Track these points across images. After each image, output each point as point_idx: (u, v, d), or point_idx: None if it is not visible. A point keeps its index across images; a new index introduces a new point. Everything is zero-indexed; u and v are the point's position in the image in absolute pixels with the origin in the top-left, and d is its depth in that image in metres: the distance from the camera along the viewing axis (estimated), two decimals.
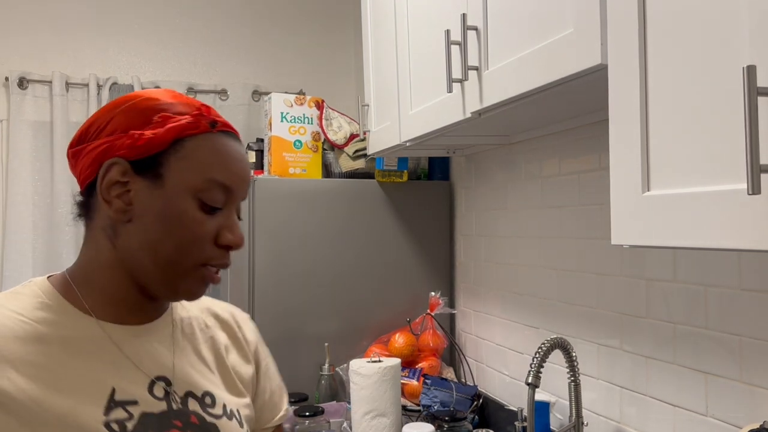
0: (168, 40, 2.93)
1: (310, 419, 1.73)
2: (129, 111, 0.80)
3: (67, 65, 2.79)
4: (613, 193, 0.85)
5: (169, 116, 0.80)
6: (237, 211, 0.86)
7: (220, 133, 0.83)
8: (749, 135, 0.60)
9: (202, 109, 0.83)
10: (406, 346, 1.98)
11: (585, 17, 0.91)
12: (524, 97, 1.10)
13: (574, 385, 1.36)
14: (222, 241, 0.81)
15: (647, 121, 0.80)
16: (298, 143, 2.16)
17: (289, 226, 2.05)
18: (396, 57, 1.69)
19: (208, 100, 2.92)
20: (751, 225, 0.65)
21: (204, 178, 0.80)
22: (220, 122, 0.84)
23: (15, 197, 2.63)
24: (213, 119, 0.83)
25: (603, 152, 1.43)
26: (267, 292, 2.02)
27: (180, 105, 0.82)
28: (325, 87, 3.14)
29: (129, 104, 0.81)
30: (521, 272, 1.76)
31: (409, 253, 2.18)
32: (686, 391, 1.20)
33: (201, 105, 0.84)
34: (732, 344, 1.10)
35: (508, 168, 1.84)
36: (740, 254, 1.09)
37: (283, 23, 3.09)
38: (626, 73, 0.82)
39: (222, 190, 0.81)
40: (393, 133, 1.73)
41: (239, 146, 0.86)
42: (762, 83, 0.63)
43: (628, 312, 1.36)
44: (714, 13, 0.70)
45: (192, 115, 0.81)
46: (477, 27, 1.22)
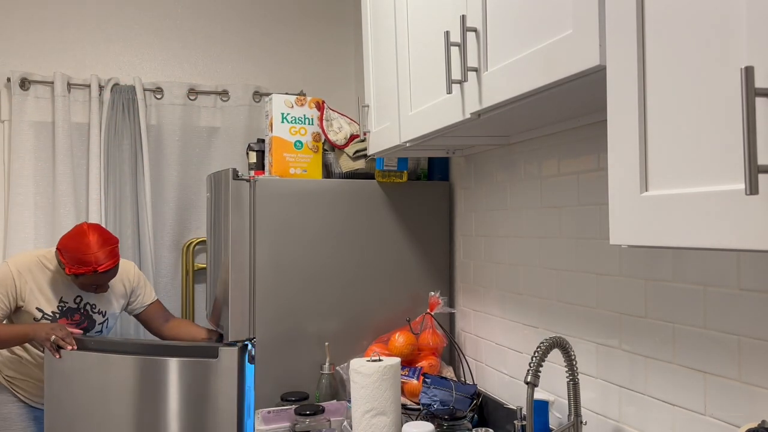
0: (170, 41, 2.94)
1: (310, 418, 1.74)
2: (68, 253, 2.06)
3: (69, 66, 2.80)
4: (612, 194, 0.85)
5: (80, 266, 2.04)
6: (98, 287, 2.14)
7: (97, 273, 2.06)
8: (747, 135, 0.60)
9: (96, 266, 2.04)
10: (406, 345, 1.99)
11: (584, 18, 0.92)
12: (523, 98, 1.11)
13: (573, 384, 1.37)
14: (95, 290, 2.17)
15: (645, 122, 0.80)
16: (299, 144, 2.17)
17: (290, 226, 2.05)
18: (396, 58, 1.70)
19: (209, 101, 2.93)
20: (749, 225, 0.65)
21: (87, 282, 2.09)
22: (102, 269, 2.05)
23: (17, 198, 2.64)
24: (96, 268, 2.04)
25: (602, 153, 1.44)
26: (268, 291, 2.02)
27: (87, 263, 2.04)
28: (326, 88, 3.15)
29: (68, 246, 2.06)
30: (521, 272, 1.77)
31: (409, 253, 2.18)
32: (685, 391, 1.21)
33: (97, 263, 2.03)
34: (731, 344, 1.11)
35: (507, 168, 1.84)
36: (739, 254, 1.09)
37: (283, 25, 3.10)
38: (625, 74, 0.83)
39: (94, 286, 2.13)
40: (393, 134, 1.74)
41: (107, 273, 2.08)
42: (760, 84, 0.63)
43: (627, 312, 1.36)
44: (712, 15, 0.71)
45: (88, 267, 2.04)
46: (476, 28, 1.23)
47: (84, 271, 2.02)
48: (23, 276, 2.10)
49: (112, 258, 2.05)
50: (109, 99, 2.74)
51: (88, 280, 2.05)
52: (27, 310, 2.11)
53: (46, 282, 2.13)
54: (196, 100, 2.91)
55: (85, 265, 2.01)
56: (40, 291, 2.12)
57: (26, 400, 2.22)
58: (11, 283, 2.08)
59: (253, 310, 2.01)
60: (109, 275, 2.07)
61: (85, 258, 2.00)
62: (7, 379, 2.21)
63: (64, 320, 2.14)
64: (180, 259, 2.90)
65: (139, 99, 2.77)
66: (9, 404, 2.20)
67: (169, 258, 2.86)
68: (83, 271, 2.01)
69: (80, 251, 2.00)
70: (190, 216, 2.92)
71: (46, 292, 2.13)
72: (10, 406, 2.20)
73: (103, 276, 2.06)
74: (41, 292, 2.12)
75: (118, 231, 2.75)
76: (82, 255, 2.00)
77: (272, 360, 2.02)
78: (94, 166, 2.70)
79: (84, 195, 2.74)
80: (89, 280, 2.05)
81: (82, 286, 2.09)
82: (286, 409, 1.85)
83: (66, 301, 2.16)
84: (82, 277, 2.05)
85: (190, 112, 2.89)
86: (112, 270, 2.07)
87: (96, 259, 2.01)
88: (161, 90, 2.84)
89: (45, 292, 2.13)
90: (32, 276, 2.11)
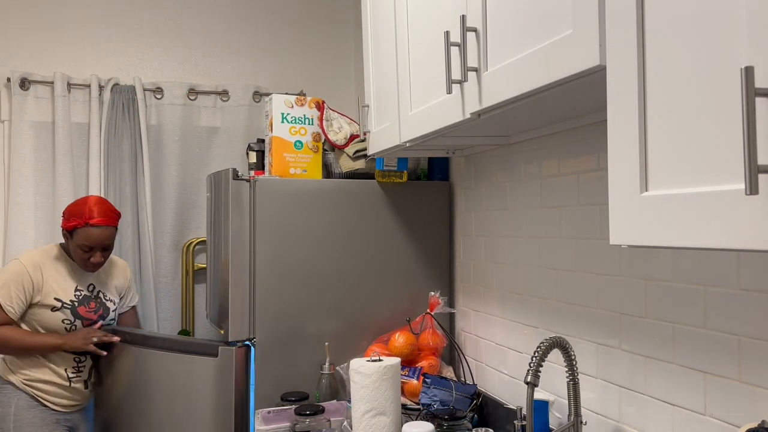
0: (170, 41, 2.94)
1: (310, 418, 1.74)
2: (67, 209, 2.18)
3: (69, 66, 2.80)
4: (612, 194, 0.85)
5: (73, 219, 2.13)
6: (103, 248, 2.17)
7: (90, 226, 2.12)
8: (747, 135, 0.60)
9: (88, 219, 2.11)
10: (405, 345, 1.99)
11: (584, 18, 0.92)
12: (523, 98, 1.11)
13: (573, 384, 1.37)
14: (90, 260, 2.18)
15: (645, 122, 0.80)
16: (299, 144, 2.17)
17: (290, 226, 2.05)
18: (396, 58, 1.70)
19: (209, 101, 2.93)
20: (749, 225, 0.65)
21: (79, 241, 2.13)
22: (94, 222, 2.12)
23: (17, 197, 2.64)
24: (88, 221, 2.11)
25: (602, 153, 1.44)
26: (268, 291, 2.02)
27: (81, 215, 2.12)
28: (326, 88, 3.15)
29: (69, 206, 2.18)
30: (521, 272, 1.77)
31: (409, 253, 2.18)
32: (685, 391, 1.21)
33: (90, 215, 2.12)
34: (730, 344, 1.11)
35: (507, 168, 1.84)
36: (739, 254, 1.09)
37: (283, 25, 3.10)
38: (625, 74, 0.83)
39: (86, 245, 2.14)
40: (393, 134, 1.74)
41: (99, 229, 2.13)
42: (760, 84, 0.63)
43: (627, 311, 1.36)
44: (712, 15, 0.71)
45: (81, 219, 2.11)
46: (476, 28, 1.23)
47: (76, 223, 2.09)
48: (38, 269, 2.13)
49: (106, 217, 2.12)
50: (109, 99, 2.74)
51: (80, 239, 2.10)
52: (44, 302, 2.13)
53: (59, 272, 2.17)
54: (196, 100, 2.91)
55: (78, 216, 2.10)
56: (55, 281, 2.15)
57: (48, 404, 2.18)
58: (27, 278, 2.10)
59: (253, 310, 2.01)
60: (101, 234, 2.11)
61: (79, 209, 2.11)
62: (27, 383, 2.16)
63: (83, 308, 2.19)
64: (180, 259, 2.90)
65: (139, 99, 2.77)
66: (32, 409, 2.15)
67: (169, 258, 2.86)
68: (75, 223, 2.09)
69: (77, 205, 2.14)
70: (190, 216, 2.92)
71: (62, 281, 2.17)
72: (33, 411, 2.15)
73: (95, 232, 2.10)
74: (57, 283, 2.15)
75: (118, 231, 2.75)
76: (78, 207, 2.12)
77: (272, 360, 2.02)
78: (94, 166, 2.70)
79: (84, 195, 2.74)
80: (82, 237, 2.10)
81: (77, 252, 2.13)
82: (286, 409, 1.85)
83: (81, 288, 2.21)
84: (75, 235, 2.11)
85: (190, 112, 2.89)
86: (105, 229, 2.12)
87: (90, 211, 2.10)
88: (161, 90, 2.84)
89: (60, 282, 2.16)
90: (46, 268, 2.15)
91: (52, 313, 2.14)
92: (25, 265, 2.11)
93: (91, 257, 2.14)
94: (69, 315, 2.17)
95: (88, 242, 2.11)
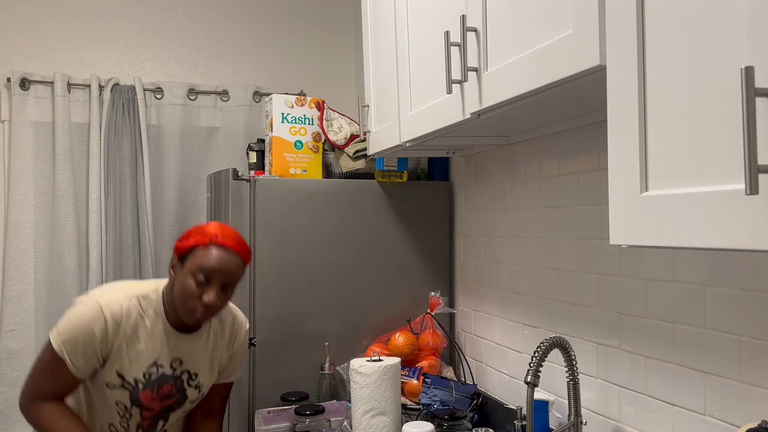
0: (169, 41, 2.94)
1: (310, 418, 1.74)
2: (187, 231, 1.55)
3: (69, 66, 2.80)
4: (612, 194, 0.85)
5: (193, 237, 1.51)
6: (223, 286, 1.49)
7: (214, 245, 1.48)
8: (747, 135, 0.60)
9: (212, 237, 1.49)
10: (406, 345, 1.99)
11: (584, 18, 0.92)
12: (523, 98, 1.11)
13: (573, 384, 1.37)
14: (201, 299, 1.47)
15: (645, 122, 0.80)
16: (299, 144, 2.17)
17: (290, 226, 2.05)
18: (396, 58, 1.70)
19: (209, 101, 2.92)
20: (749, 225, 0.65)
21: (195, 266, 1.47)
22: (219, 242, 1.49)
23: (17, 197, 2.64)
24: (212, 239, 1.49)
25: (602, 153, 1.44)
26: (268, 291, 2.02)
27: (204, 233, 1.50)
28: (326, 88, 3.15)
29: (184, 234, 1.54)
30: (521, 272, 1.77)
31: (409, 253, 2.18)
32: (685, 391, 1.21)
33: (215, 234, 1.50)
34: (730, 344, 1.11)
35: (507, 168, 1.84)
36: (739, 254, 1.09)
37: (283, 24, 3.10)
38: (625, 74, 0.83)
39: (203, 273, 1.46)
40: (393, 134, 1.74)
41: (226, 252, 1.48)
42: (760, 84, 0.63)
43: (627, 312, 1.36)
44: (712, 15, 0.71)
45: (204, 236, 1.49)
46: (476, 28, 1.23)
47: (196, 241, 1.49)
48: (120, 327, 1.48)
49: (238, 244, 1.52)
50: (109, 99, 2.74)
51: (197, 261, 1.46)
52: (102, 374, 1.50)
53: (141, 334, 1.51)
54: (196, 100, 2.91)
55: (201, 234, 1.50)
56: (130, 346, 1.50)
57: None
58: (103, 336, 1.46)
59: (253, 310, 2.01)
60: (227, 261, 1.48)
61: (203, 228, 1.52)
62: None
63: (148, 393, 1.52)
64: None
65: (139, 99, 2.77)
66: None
67: (169, 258, 2.86)
68: (196, 241, 1.49)
69: (200, 225, 1.54)
70: (190, 216, 2.92)
71: (139, 348, 1.51)
72: None
73: (219, 255, 1.47)
74: (132, 348, 1.50)
75: (118, 231, 2.75)
76: (201, 227, 1.53)
77: (272, 360, 2.02)
78: (94, 166, 2.70)
79: (84, 195, 2.74)
80: (199, 259, 1.46)
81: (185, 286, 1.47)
82: (286, 409, 1.85)
83: (161, 364, 1.54)
84: (190, 259, 1.48)
85: (190, 112, 2.89)
86: (233, 256, 1.49)
87: (215, 231, 1.51)
88: (161, 90, 2.84)
89: (137, 348, 1.50)
90: (127, 328, 1.49)
91: (106, 389, 1.51)
92: (106, 317, 1.46)
93: (204, 294, 1.47)
94: (125, 399, 1.52)
95: (206, 266, 1.46)
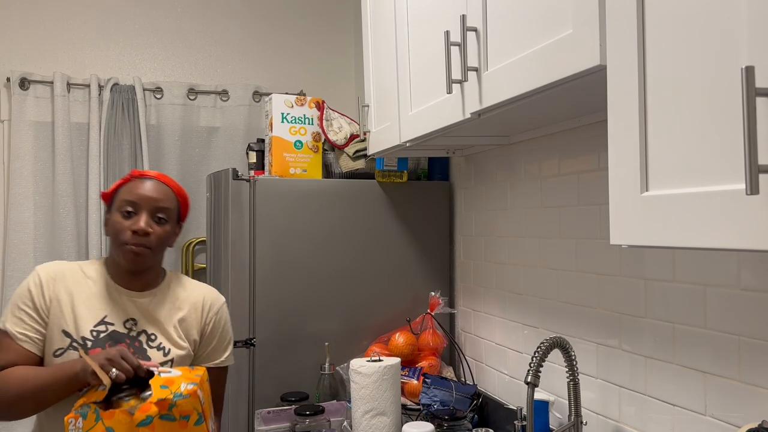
0: (169, 41, 2.94)
1: (310, 418, 1.74)
2: None
3: (69, 66, 2.80)
4: (612, 193, 0.85)
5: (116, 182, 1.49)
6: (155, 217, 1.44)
7: (136, 178, 1.46)
8: (748, 135, 0.60)
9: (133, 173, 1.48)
10: (406, 345, 1.99)
11: (584, 18, 0.92)
12: (524, 97, 1.11)
13: (573, 385, 1.37)
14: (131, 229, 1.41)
15: (646, 122, 0.80)
16: (299, 144, 2.16)
17: (290, 226, 2.05)
18: (396, 58, 1.70)
19: (209, 100, 2.92)
20: (749, 225, 0.65)
21: (120, 201, 1.43)
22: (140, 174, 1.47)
23: (16, 197, 2.64)
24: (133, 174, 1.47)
25: (602, 152, 1.44)
26: (268, 291, 2.02)
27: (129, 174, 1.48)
28: (326, 88, 3.14)
29: None
30: (521, 272, 1.77)
31: (409, 253, 2.18)
32: (685, 391, 1.21)
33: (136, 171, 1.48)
34: (731, 344, 1.11)
35: (507, 168, 1.84)
36: (739, 254, 1.09)
37: (283, 24, 3.10)
38: (625, 74, 0.83)
39: (128, 203, 1.42)
40: (393, 134, 1.74)
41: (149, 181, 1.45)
42: (760, 84, 0.63)
43: (627, 312, 1.36)
44: (713, 15, 0.71)
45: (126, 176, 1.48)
46: (476, 28, 1.23)
47: (118, 183, 1.47)
48: (57, 283, 1.41)
49: (159, 175, 1.48)
50: (109, 99, 2.74)
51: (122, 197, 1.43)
52: (50, 344, 1.38)
53: (83, 294, 1.43)
54: (196, 100, 2.91)
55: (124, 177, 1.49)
56: (71, 305, 1.40)
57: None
58: (38, 292, 1.39)
59: (253, 310, 2.01)
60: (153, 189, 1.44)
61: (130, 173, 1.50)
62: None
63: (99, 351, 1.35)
64: (180, 259, 2.90)
65: (138, 99, 2.77)
66: None
67: (169, 258, 2.86)
68: (118, 183, 1.47)
69: None
70: (190, 216, 2.91)
71: (81, 307, 1.41)
72: None
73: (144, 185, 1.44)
74: (73, 308, 1.40)
75: None
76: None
77: (272, 360, 2.02)
78: (93, 166, 2.70)
79: (84, 195, 2.74)
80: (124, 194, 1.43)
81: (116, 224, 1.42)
82: (286, 409, 1.85)
83: (110, 322, 1.42)
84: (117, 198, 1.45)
85: (189, 112, 2.89)
86: (159, 185, 1.45)
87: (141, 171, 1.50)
88: (161, 90, 2.84)
89: (79, 307, 1.41)
90: (66, 285, 1.42)
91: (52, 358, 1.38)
92: (41, 276, 1.41)
93: (134, 224, 1.40)
94: None
95: (129, 196, 1.42)
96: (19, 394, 1.31)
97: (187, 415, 1.26)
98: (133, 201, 1.42)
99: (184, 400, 1.25)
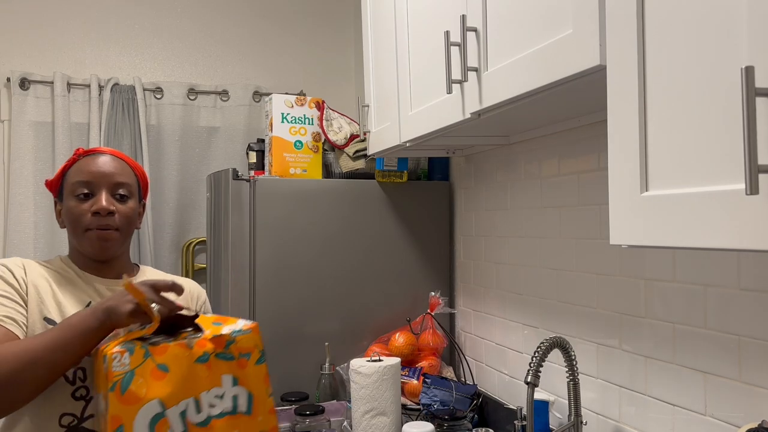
0: (169, 41, 2.94)
1: (310, 418, 1.74)
2: None
3: (69, 66, 2.80)
4: (612, 193, 0.85)
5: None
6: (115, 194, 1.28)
7: (83, 156, 1.30)
8: (747, 135, 0.60)
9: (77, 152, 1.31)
10: (406, 345, 1.99)
11: (584, 18, 0.92)
12: (523, 97, 1.11)
13: (573, 385, 1.37)
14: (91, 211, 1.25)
15: (646, 122, 0.80)
16: (299, 144, 2.17)
17: (290, 226, 2.05)
18: (396, 58, 1.70)
19: (209, 101, 2.92)
20: (749, 225, 0.65)
21: (71, 185, 1.27)
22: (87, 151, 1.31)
23: (16, 197, 2.64)
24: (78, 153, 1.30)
25: (602, 152, 1.44)
26: (268, 291, 2.02)
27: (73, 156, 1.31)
28: (326, 88, 3.14)
29: None
30: (521, 272, 1.77)
31: (409, 253, 2.18)
32: (685, 391, 1.21)
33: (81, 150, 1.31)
34: (731, 344, 1.11)
35: (507, 168, 1.84)
36: (739, 254, 1.09)
37: (283, 24, 3.10)
38: (625, 74, 0.83)
39: (81, 184, 1.26)
40: (393, 134, 1.74)
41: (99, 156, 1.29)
42: (760, 84, 0.63)
43: (627, 312, 1.36)
44: (713, 15, 0.71)
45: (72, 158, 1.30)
46: (476, 28, 1.23)
47: (63, 166, 1.31)
48: (28, 269, 1.26)
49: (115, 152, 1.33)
50: (109, 99, 2.74)
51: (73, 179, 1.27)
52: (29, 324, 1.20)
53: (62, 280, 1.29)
54: (196, 100, 2.91)
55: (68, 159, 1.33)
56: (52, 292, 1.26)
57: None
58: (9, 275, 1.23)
59: (253, 310, 2.01)
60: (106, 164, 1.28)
61: None
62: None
63: None
64: (180, 259, 2.90)
65: (138, 99, 2.77)
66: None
67: (169, 258, 2.86)
68: (63, 166, 1.31)
69: None
70: (190, 216, 2.91)
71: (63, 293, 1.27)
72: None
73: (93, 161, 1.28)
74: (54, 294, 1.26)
75: None
76: None
77: (272, 360, 2.02)
78: None
79: None
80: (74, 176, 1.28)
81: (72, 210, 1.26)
82: (286, 409, 1.85)
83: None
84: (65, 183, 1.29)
85: (189, 112, 2.89)
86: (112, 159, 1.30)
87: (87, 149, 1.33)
88: (161, 90, 2.84)
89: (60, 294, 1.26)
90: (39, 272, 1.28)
91: None
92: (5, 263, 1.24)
93: (94, 205, 1.25)
94: None
95: (81, 177, 1.26)
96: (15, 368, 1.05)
97: (248, 353, 1.11)
98: (87, 181, 1.25)
99: (243, 336, 1.10)
